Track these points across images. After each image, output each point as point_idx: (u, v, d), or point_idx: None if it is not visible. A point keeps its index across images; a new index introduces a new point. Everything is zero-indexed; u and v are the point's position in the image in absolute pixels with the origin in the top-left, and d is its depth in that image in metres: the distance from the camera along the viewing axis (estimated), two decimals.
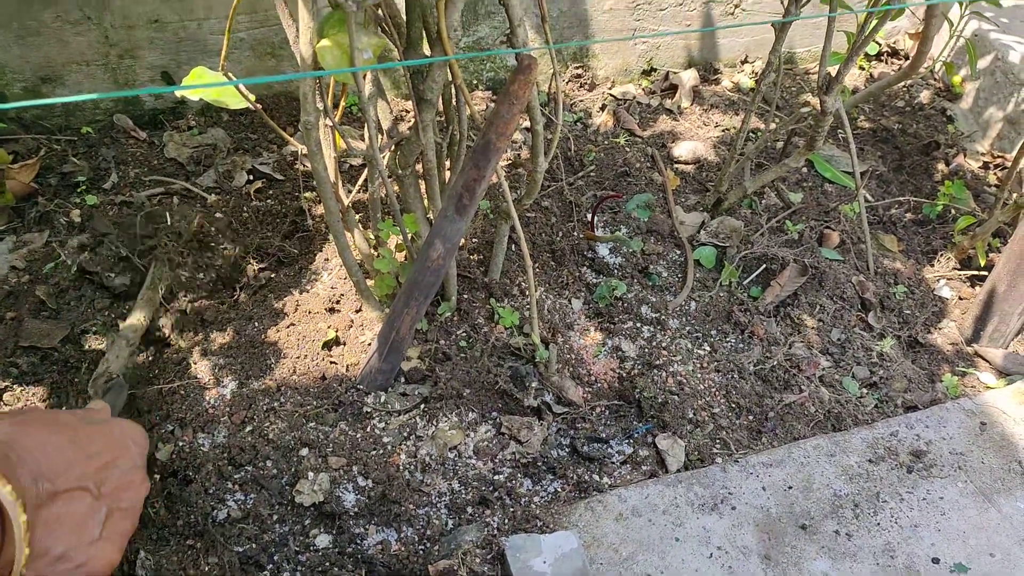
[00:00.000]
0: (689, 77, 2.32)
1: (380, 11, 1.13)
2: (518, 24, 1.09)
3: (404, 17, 1.18)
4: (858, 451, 1.40)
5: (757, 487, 1.33)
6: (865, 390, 1.55)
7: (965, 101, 2.35)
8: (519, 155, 2.02)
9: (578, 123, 2.19)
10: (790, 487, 1.34)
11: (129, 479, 0.87)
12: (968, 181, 2.05)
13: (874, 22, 1.48)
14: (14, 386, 1.38)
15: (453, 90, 1.28)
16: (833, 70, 1.59)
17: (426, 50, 1.19)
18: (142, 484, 0.89)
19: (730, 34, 2.39)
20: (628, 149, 2.07)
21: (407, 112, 2.11)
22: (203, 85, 1.06)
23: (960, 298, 1.79)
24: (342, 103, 1.29)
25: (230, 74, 1.08)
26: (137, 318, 1.47)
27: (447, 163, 1.43)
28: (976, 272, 1.80)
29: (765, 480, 1.34)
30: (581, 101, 2.27)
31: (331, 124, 1.19)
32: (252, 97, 1.13)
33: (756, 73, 2.42)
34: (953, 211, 1.96)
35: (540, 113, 1.23)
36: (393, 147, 1.31)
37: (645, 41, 2.32)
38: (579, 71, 2.33)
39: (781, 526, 1.28)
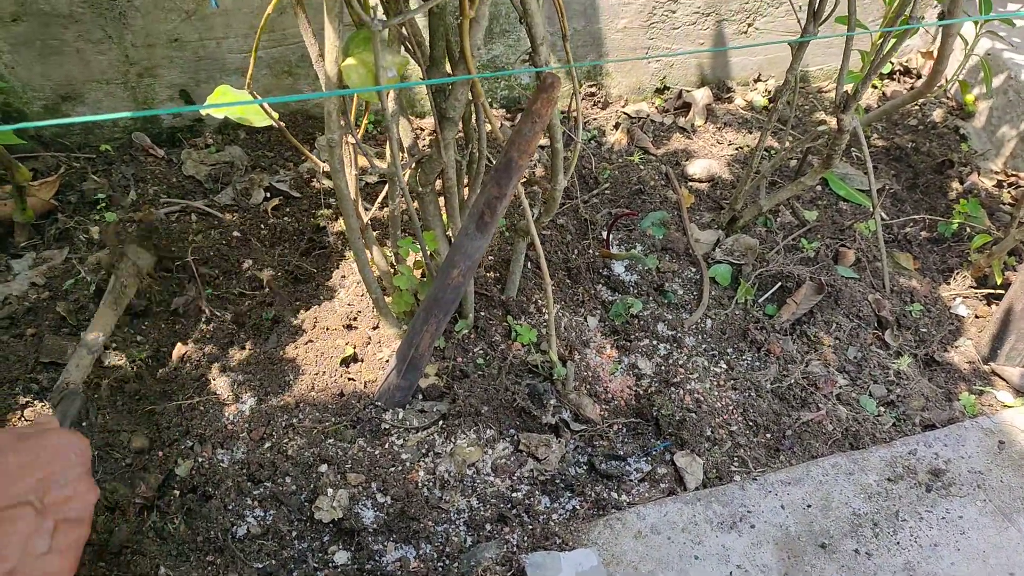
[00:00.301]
0: (702, 95, 2.33)
1: (404, 30, 1.14)
2: (540, 43, 1.10)
3: (426, 36, 1.19)
4: (876, 469, 1.40)
5: (776, 505, 1.33)
6: (882, 408, 1.55)
7: (978, 120, 2.35)
8: (533, 173, 2.03)
9: (592, 141, 2.20)
10: (809, 505, 1.33)
11: (73, 489, 0.86)
12: (982, 199, 2.05)
13: (892, 42, 1.49)
14: (35, 402, 1.38)
15: (472, 108, 1.29)
16: (849, 88, 1.59)
17: (448, 69, 1.21)
18: (88, 492, 0.88)
19: (743, 52, 2.41)
20: (642, 167, 2.08)
21: (422, 130, 2.12)
22: (229, 104, 1.07)
23: (976, 316, 1.79)
24: (364, 121, 1.30)
25: (255, 94, 1.09)
26: (101, 325, 1.48)
27: (465, 181, 1.43)
28: (992, 290, 1.80)
29: (784, 498, 1.34)
30: (595, 119, 2.28)
31: (354, 142, 1.20)
32: (276, 115, 1.14)
33: (769, 91, 2.43)
34: (968, 229, 1.96)
35: (561, 132, 1.24)
36: (414, 164, 1.32)
37: (658, 59, 2.33)
38: (593, 89, 2.34)
39: (800, 545, 1.27)
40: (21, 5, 1.74)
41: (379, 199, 1.47)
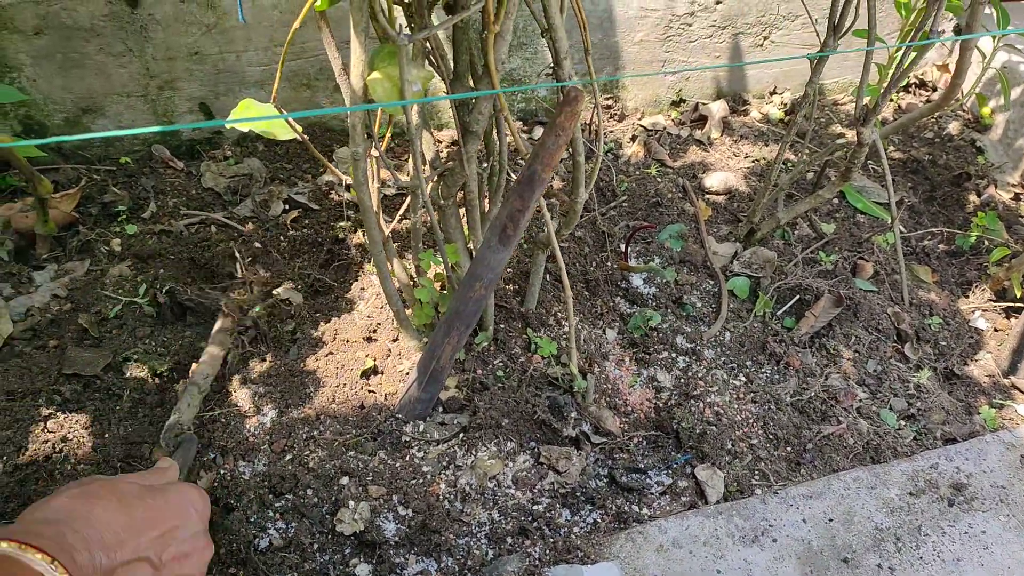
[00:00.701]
0: (718, 108, 2.34)
1: (428, 44, 1.14)
2: (564, 57, 1.11)
3: (449, 50, 1.20)
4: (898, 483, 1.39)
5: (797, 519, 1.32)
6: (903, 422, 1.54)
7: (994, 132, 2.35)
8: (552, 186, 2.04)
9: (609, 153, 2.21)
10: (831, 519, 1.33)
11: (191, 546, 0.88)
12: (1000, 212, 2.04)
13: (912, 56, 1.49)
14: (58, 414, 1.39)
15: (493, 121, 1.29)
16: (868, 101, 1.60)
17: (470, 82, 1.21)
18: (205, 549, 0.90)
19: (759, 65, 2.41)
20: (659, 179, 2.08)
21: (440, 143, 2.13)
22: (255, 118, 1.08)
23: (996, 330, 1.78)
24: (387, 134, 1.31)
25: (280, 108, 1.10)
26: (209, 364, 1.47)
27: (485, 193, 1.44)
28: (1012, 304, 1.79)
29: (805, 512, 1.33)
30: (611, 132, 2.29)
31: (377, 155, 1.20)
32: (299, 128, 1.15)
33: (785, 104, 2.43)
34: (986, 242, 1.95)
35: (583, 145, 1.24)
36: (436, 178, 1.33)
37: (674, 72, 2.34)
38: (609, 102, 2.35)
39: (823, 559, 1.27)
40: (43, 19, 1.76)
41: (400, 212, 1.48)
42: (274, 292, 1.64)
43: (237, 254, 1.69)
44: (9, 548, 0.71)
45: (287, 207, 1.90)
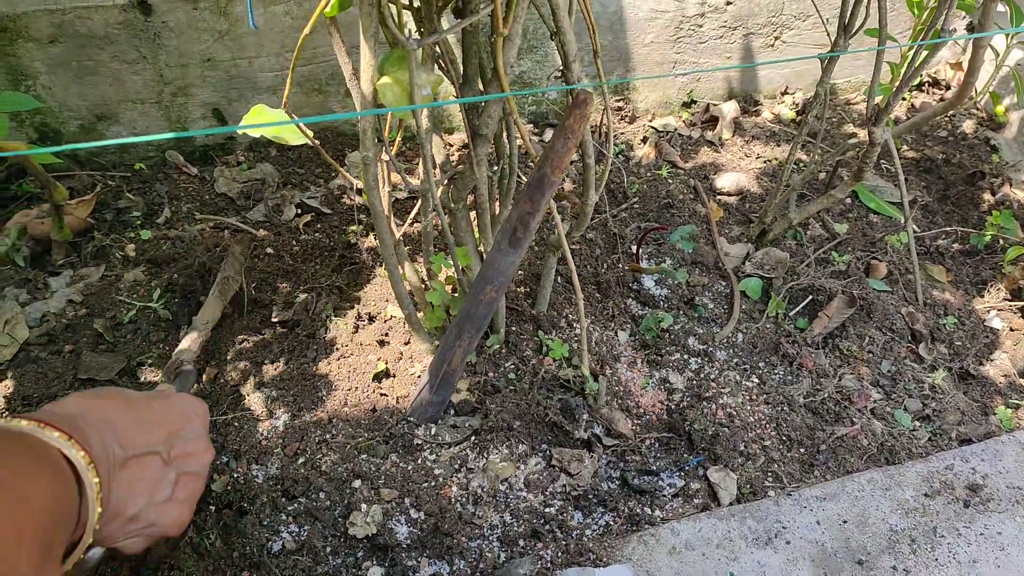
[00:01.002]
0: (730, 109, 2.33)
1: (437, 48, 1.15)
2: (573, 60, 1.11)
3: (459, 54, 1.20)
4: (913, 485, 1.38)
5: (811, 521, 1.32)
6: (918, 423, 1.53)
7: (1009, 131, 2.33)
8: (563, 188, 2.04)
9: (620, 155, 2.21)
10: (845, 521, 1.32)
11: (194, 446, 0.95)
12: (1015, 211, 2.03)
13: (924, 54, 1.49)
14: None
15: (503, 125, 1.30)
16: (880, 100, 1.59)
17: (480, 86, 1.22)
18: (206, 451, 0.98)
19: (770, 65, 2.40)
20: (671, 181, 2.08)
21: (450, 146, 2.14)
22: (267, 124, 1.09)
23: (1011, 329, 1.77)
24: (398, 139, 1.31)
25: (291, 113, 1.11)
26: (210, 312, 1.54)
27: (496, 196, 1.44)
28: None
29: (819, 514, 1.33)
30: (622, 133, 2.29)
31: (388, 159, 1.21)
32: (311, 133, 1.16)
33: (796, 104, 2.43)
34: (1001, 241, 1.94)
35: (593, 147, 1.24)
36: (446, 181, 1.33)
37: (686, 74, 2.34)
38: (620, 104, 2.35)
39: (837, 561, 1.26)
40: (58, 27, 1.78)
41: (411, 215, 1.48)
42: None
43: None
44: (28, 426, 0.73)
45: (299, 211, 1.91)
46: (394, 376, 1.49)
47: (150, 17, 1.82)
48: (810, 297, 1.72)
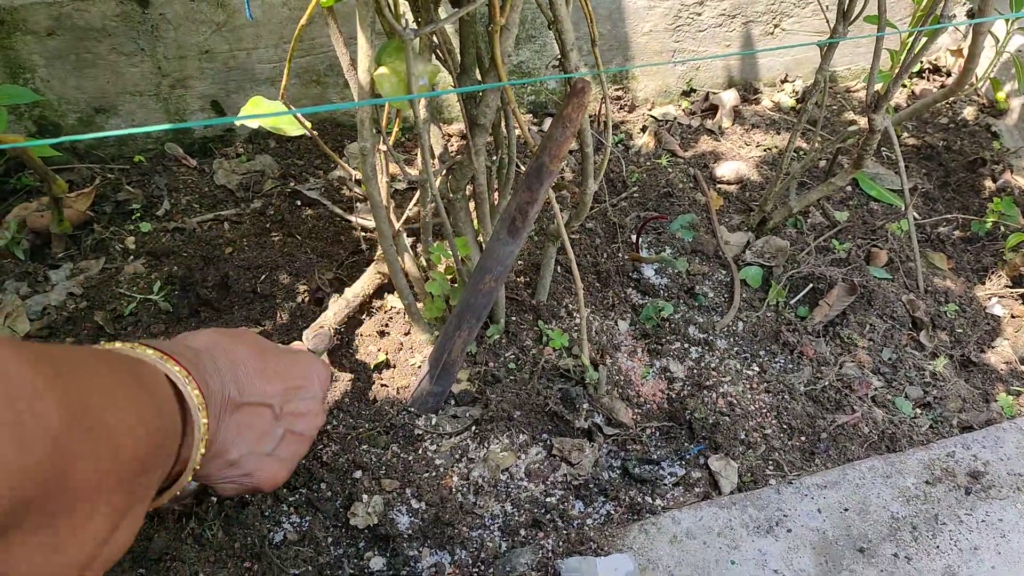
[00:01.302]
0: (729, 97, 2.32)
1: (434, 39, 1.14)
2: (570, 49, 1.11)
3: (456, 44, 1.20)
4: (914, 472, 1.39)
5: (812, 509, 1.32)
6: (919, 410, 1.53)
7: (1010, 117, 2.32)
8: (563, 177, 2.04)
9: (619, 144, 2.20)
10: (846, 509, 1.32)
11: (308, 407, 0.95)
12: (1016, 198, 2.02)
13: (923, 41, 1.48)
14: None
15: (502, 114, 1.29)
16: (879, 87, 1.58)
17: (477, 76, 1.21)
18: (318, 415, 0.98)
19: (770, 53, 2.39)
20: (670, 170, 2.07)
21: (449, 136, 2.13)
22: (264, 115, 1.08)
23: (1013, 316, 1.77)
24: (395, 129, 1.31)
25: (288, 104, 1.11)
26: (361, 286, 1.57)
27: (495, 186, 1.44)
28: None
29: (820, 502, 1.33)
30: (622, 122, 2.28)
31: (385, 149, 1.21)
32: (308, 124, 1.16)
33: (797, 92, 2.42)
34: (1003, 228, 1.93)
35: (591, 136, 1.24)
36: (445, 171, 1.33)
37: (684, 62, 2.33)
38: (619, 93, 2.34)
39: (838, 549, 1.26)
40: (56, 20, 1.77)
41: (410, 205, 1.48)
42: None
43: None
44: (151, 354, 0.73)
45: (299, 203, 1.90)
46: (394, 367, 1.49)
47: (147, 9, 1.82)
48: (811, 285, 1.72)
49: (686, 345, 1.61)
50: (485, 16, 1.09)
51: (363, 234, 1.78)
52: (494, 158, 1.40)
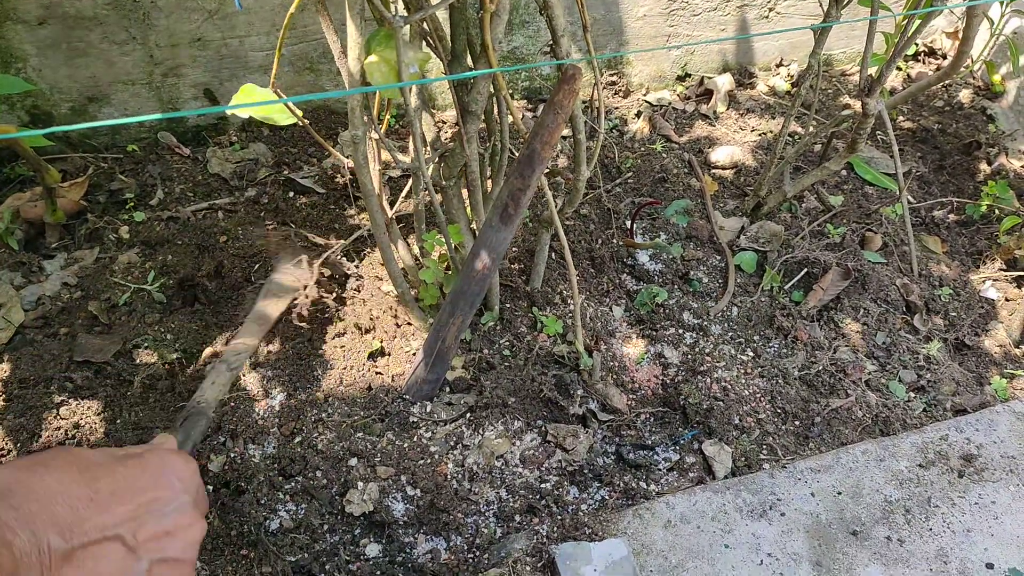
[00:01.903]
0: (724, 82, 2.32)
1: (425, 25, 1.14)
2: (561, 35, 1.10)
3: (447, 30, 1.19)
4: (908, 456, 1.39)
5: (806, 493, 1.32)
6: (913, 394, 1.54)
7: (1005, 100, 2.32)
8: (556, 164, 2.03)
9: (614, 130, 2.20)
10: (839, 493, 1.33)
11: (174, 522, 0.71)
12: (1011, 181, 2.02)
13: (916, 24, 1.47)
14: (70, 400, 1.41)
15: (494, 101, 1.29)
16: (873, 71, 1.58)
17: (469, 62, 1.21)
18: (191, 526, 0.73)
19: (764, 37, 2.39)
20: (665, 155, 2.07)
21: (443, 123, 2.13)
22: (255, 104, 1.08)
23: (1007, 299, 1.77)
24: (387, 117, 1.31)
25: (280, 92, 1.10)
26: (245, 341, 1.47)
27: (488, 173, 1.44)
28: (1023, 273, 1.78)
29: (814, 486, 1.33)
30: (616, 108, 2.28)
31: (377, 137, 1.20)
32: (300, 113, 1.15)
33: (791, 76, 2.41)
34: (997, 211, 1.93)
35: (583, 123, 1.24)
36: (437, 159, 1.32)
37: (679, 47, 2.32)
38: (614, 78, 2.33)
39: (832, 532, 1.27)
40: (47, 8, 1.76)
41: (403, 193, 1.48)
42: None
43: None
44: None
45: (293, 191, 1.90)
46: (389, 355, 1.50)
47: None
48: (805, 270, 1.72)
49: (680, 331, 1.61)
50: (476, 2, 1.09)
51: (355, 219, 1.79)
52: (487, 145, 1.40)
